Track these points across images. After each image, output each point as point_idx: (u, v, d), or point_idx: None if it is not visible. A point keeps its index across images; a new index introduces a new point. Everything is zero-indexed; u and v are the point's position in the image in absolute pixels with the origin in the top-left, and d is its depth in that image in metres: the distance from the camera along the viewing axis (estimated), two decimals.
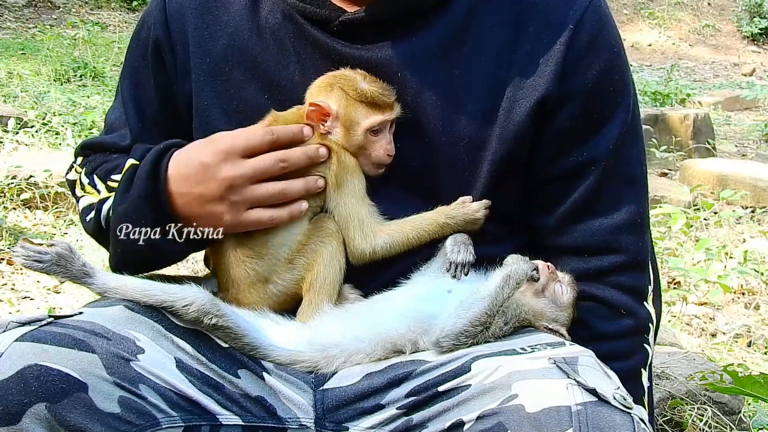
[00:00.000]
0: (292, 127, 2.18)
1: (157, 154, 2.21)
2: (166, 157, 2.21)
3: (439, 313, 2.08)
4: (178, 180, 2.18)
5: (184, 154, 2.20)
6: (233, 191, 2.14)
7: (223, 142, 2.16)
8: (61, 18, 14.85)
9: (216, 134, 2.21)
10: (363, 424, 2.02)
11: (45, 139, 7.49)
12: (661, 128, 10.62)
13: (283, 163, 2.15)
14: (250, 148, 2.15)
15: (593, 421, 1.71)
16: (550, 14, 2.21)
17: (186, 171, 2.17)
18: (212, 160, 2.14)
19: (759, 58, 20.64)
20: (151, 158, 2.21)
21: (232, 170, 2.14)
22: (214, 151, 2.15)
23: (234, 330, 2.04)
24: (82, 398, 1.76)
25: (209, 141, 2.20)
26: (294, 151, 2.16)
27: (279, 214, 2.17)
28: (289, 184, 2.16)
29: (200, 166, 2.15)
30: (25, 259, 1.99)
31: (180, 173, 2.18)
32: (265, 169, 2.15)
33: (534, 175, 2.25)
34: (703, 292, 5.64)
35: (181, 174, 2.18)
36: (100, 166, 2.42)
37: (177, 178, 2.18)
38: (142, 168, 2.21)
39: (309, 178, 2.18)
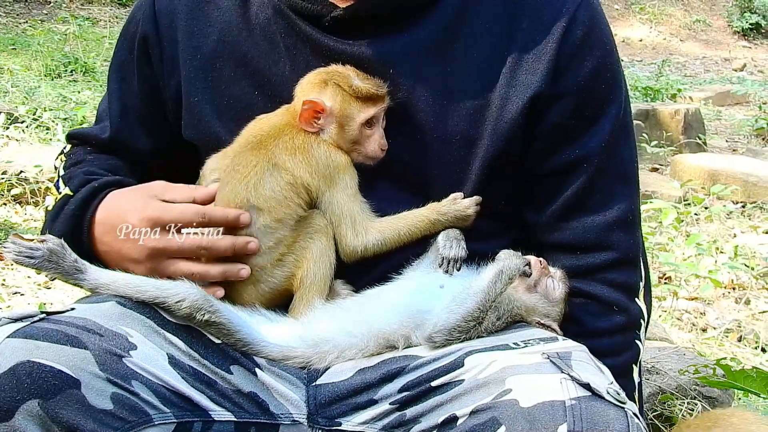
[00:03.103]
0: (229, 212, 2.15)
1: (90, 193, 2.25)
2: (98, 198, 2.24)
3: (431, 309, 2.08)
4: (103, 228, 2.21)
5: (114, 206, 2.22)
6: (151, 260, 2.16)
7: (152, 210, 2.16)
8: (52, 13, 14.80)
9: (152, 190, 2.22)
10: (356, 419, 2.02)
11: (35, 134, 7.47)
12: (652, 123, 10.62)
13: (205, 251, 2.15)
14: (179, 223, 2.15)
15: (587, 415, 1.72)
16: (543, 11, 2.21)
17: (111, 222, 2.20)
18: (138, 225, 2.16)
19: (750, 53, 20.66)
20: (81, 197, 2.25)
21: (154, 242, 2.15)
22: (142, 218, 2.16)
23: (226, 326, 2.04)
24: (74, 395, 1.76)
25: (141, 201, 2.20)
26: (222, 241, 2.14)
27: (206, 270, 2.16)
28: (206, 270, 2.15)
29: (124, 226, 2.17)
30: (16, 255, 1.98)
31: (106, 222, 2.21)
32: (186, 251, 2.15)
33: (526, 171, 2.26)
34: (694, 287, 5.65)
35: (106, 223, 2.21)
36: (73, 166, 2.44)
37: (103, 225, 2.22)
38: (72, 204, 2.25)
39: (230, 267, 2.16)
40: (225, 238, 2.14)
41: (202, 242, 2.14)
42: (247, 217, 2.14)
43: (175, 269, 2.15)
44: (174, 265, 2.15)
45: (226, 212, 2.15)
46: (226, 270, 2.16)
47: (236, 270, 2.16)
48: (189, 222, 2.15)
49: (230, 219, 2.14)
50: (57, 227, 2.25)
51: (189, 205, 2.18)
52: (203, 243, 2.14)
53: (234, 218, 2.14)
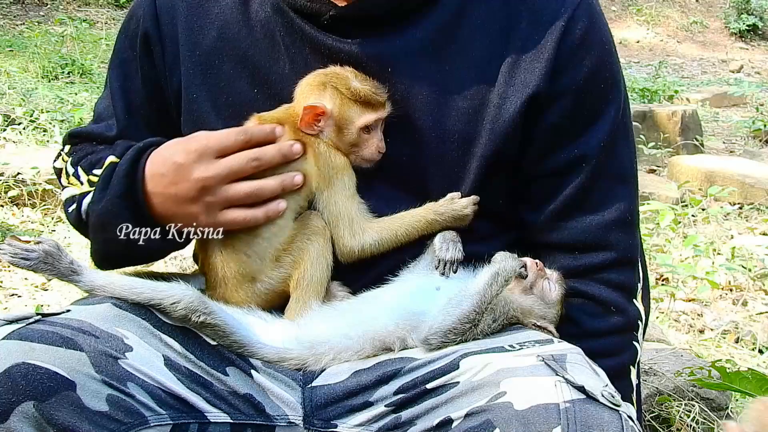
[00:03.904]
0: (264, 126, 2.17)
1: (136, 153, 2.21)
2: (145, 155, 2.21)
3: (427, 311, 2.08)
4: (154, 179, 2.17)
5: (161, 154, 2.20)
6: (207, 192, 2.13)
7: (196, 142, 2.15)
8: (49, 15, 14.80)
9: (193, 134, 2.20)
10: (351, 421, 2.02)
11: (32, 136, 7.46)
12: (649, 125, 10.62)
13: (256, 161, 2.14)
14: (223, 148, 2.14)
15: (581, 418, 1.72)
16: (542, 11, 2.21)
17: (162, 170, 2.17)
18: (185, 160, 2.14)
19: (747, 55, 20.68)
20: (129, 157, 2.21)
21: (204, 171, 2.13)
22: (188, 151, 2.14)
23: (222, 328, 2.03)
24: (70, 396, 1.76)
25: (184, 140, 2.19)
26: (268, 148, 2.15)
27: (254, 214, 2.15)
28: (263, 183, 2.15)
29: (174, 166, 2.15)
30: (12, 257, 1.98)
31: (156, 173, 2.17)
32: (238, 169, 2.14)
33: (524, 172, 2.25)
34: (691, 288, 5.65)
35: (157, 173, 2.17)
36: (85, 157, 2.42)
37: (153, 177, 2.18)
38: (120, 166, 2.21)
39: (285, 175, 2.16)
40: (270, 146, 2.15)
41: (250, 154, 2.14)
42: (281, 129, 2.16)
43: (234, 192, 2.13)
44: (231, 189, 2.14)
45: (263, 128, 2.16)
46: (283, 179, 2.16)
47: (291, 177, 2.16)
48: (232, 144, 2.14)
49: (267, 131, 2.15)
50: (111, 191, 2.20)
51: (228, 130, 2.17)
52: (251, 154, 2.13)
53: (271, 131, 2.15)
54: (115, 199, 2.19)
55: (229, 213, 2.15)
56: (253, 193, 2.14)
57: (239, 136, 2.14)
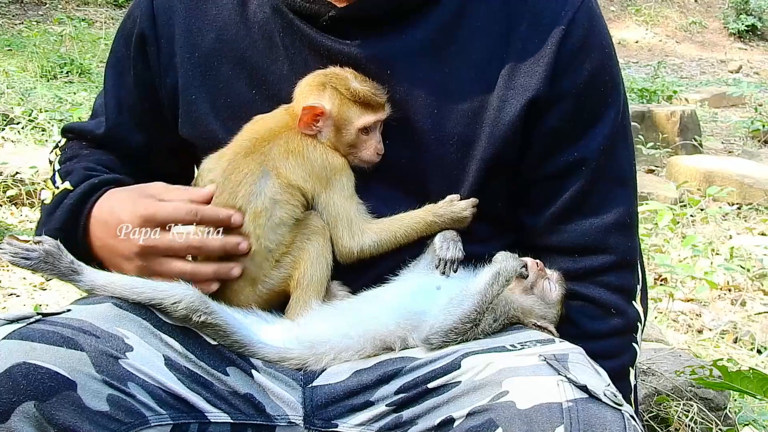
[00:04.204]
0: (221, 211, 2.14)
1: (88, 189, 2.26)
2: (96, 194, 2.25)
3: (428, 310, 2.08)
4: (97, 224, 2.22)
5: (110, 204, 2.23)
6: (142, 258, 2.15)
7: (146, 209, 2.15)
8: (48, 14, 14.79)
9: (151, 186, 2.23)
10: (352, 421, 2.02)
11: (31, 135, 7.47)
12: (648, 125, 10.63)
13: (196, 251, 2.15)
14: (171, 220, 2.14)
15: (584, 417, 1.72)
16: (542, 14, 2.21)
17: (106, 219, 2.20)
18: (130, 221, 2.15)
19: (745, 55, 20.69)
20: (80, 191, 2.25)
21: (146, 240, 2.13)
22: (134, 214, 2.15)
23: (223, 327, 2.03)
24: (70, 396, 1.76)
25: (135, 200, 2.19)
26: (212, 241, 2.14)
27: (202, 270, 2.15)
28: (198, 269, 2.15)
29: (117, 222, 2.16)
30: (12, 256, 1.98)
31: (100, 219, 2.22)
32: (177, 249, 2.14)
33: (524, 174, 2.25)
34: (690, 288, 5.65)
35: (101, 220, 2.22)
36: (68, 161, 2.43)
37: (97, 221, 2.22)
38: (69, 199, 2.25)
39: (221, 266, 2.15)
40: (216, 238, 2.14)
41: (193, 242, 2.13)
42: (238, 217, 2.13)
43: (167, 268, 2.14)
44: (166, 264, 2.14)
45: (218, 211, 2.14)
46: (218, 269, 2.15)
47: (228, 269, 2.15)
48: (181, 220, 2.14)
49: (222, 218, 2.13)
50: (54, 220, 2.25)
51: (182, 204, 2.17)
52: (194, 242, 2.13)
53: (225, 218, 2.13)
54: (55, 230, 2.22)
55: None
56: (186, 274, 2.13)
57: (189, 215, 2.14)
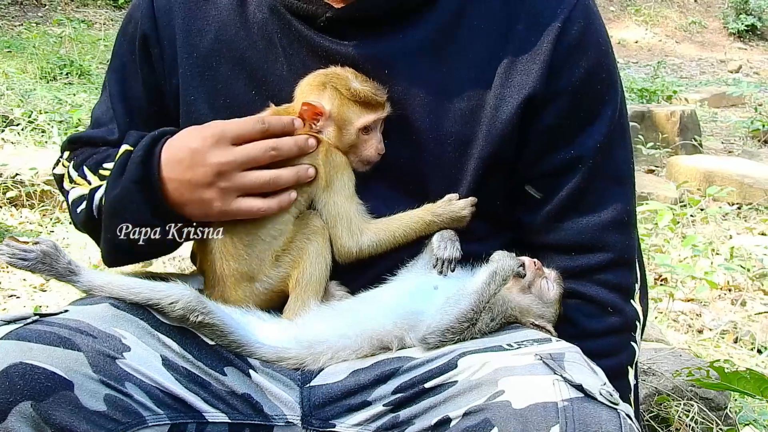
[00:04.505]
0: (283, 117, 2.17)
1: (151, 140, 2.21)
2: (160, 143, 2.20)
3: (425, 310, 2.08)
4: (169, 165, 2.17)
5: (176, 140, 2.20)
6: (222, 177, 2.13)
7: (214, 128, 2.15)
8: (47, 16, 14.80)
9: (210, 122, 2.20)
10: (349, 421, 2.02)
11: (31, 137, 7.47)
12: (648, 125, 10.63)
13: (274, 151, 2.14)
14: (240, 135, 2.14)
15: (579, 416, 1.71)
16: (540, 13, 2.21)
17: (177, 156, 2.16)
18: (202, 146, 2.13)
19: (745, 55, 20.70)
20: (144, 144, 2.21)
21: (221, 156, 2.12)
22: (204, 137, 2.14)
23: (220, 327, 2.03)
24: (67, 396, 1.76)
25: (200, 127, 2.18)
26: (285, 140, 2.15)
27: (268, 204, 2.15)
28: (279, 173, 2.14)
29: (190, 151, 2.14)
30: (10, 257, 1.98)
31: (172, 158, 2.17)
32: (254, 157, 2.13)
33: (521, 172, 2.25)
34: (690, 288, 5.65)
35: (172, 159, 2.17)
36: (89, 158, 2.41)
37: (169, 163, 2.17)
38: (136, 153, 2.20)
39: (300, 167, 2.16)
40: (287, 138, 2.15)
41: (268, 143, 2.14)
42: (300, 122, 2.17)
43: (249, 179, 2.13)
44: (247, 176, 2.13)
45: (281, 119, 2.16)
46: (298, 170, 2.16)
47: (305, 168, 2.16)
48: (250, 131, 2.14)
49: (286, 123, 2.15)
50: (126, 178, 2.19)
51: (246, 118, 2.17)
52: (269, 144, 2.13)
53: (289, 122, 2.16)
54: (130, 184, 2.18)
55: (243, 201, 2.15)
56: (269, 181, 2.14)
57: (257, 125, 2.14)
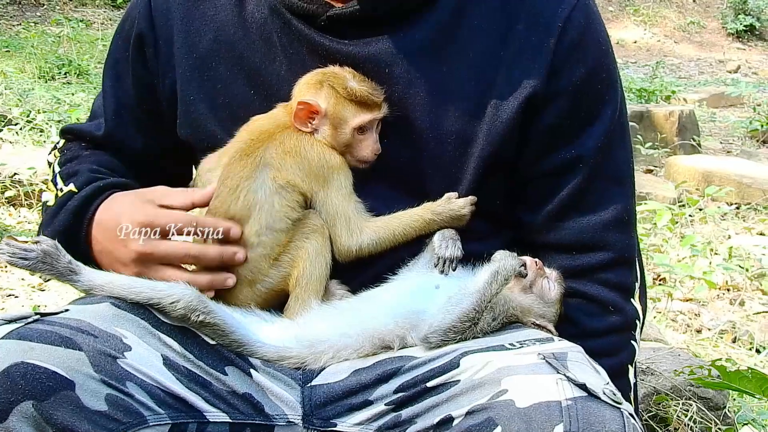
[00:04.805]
0: (220, 223, 2.14)
1: (93, 192, 2.27)
2: (101, 197, 2.25)
3: (427, 309, 2.08)
4: (99, 228, 2.23)
5: (112, 208, 2.24)
6: (140, 263, 2.15)
7: (145, 214, 2.16)
8: (46, 15, 14.77)
9: (154, 191, 2.23)
10: (351, 420, 2.02)
11: (29, 136, 7.46)
12: (647, 125, 10.64)
13: (194, 260, 2.15)
14: (169, 228, 2.14)
15: (583, 415, 1.72)
16: (539, 13, 2.21)
17: (107, 224, 2.21)
18: (130, 227, 2.15)
19: (744, 55, 20.70)
20: (84, 194, 2.27)
21: (143, 246, 2.14)
22: (135, 220, 2.15)
23: (221, 327, 2.03)
24: (69, 396, 1.75)
25: (138, 203, 2.20)
26: (210, 251, 2.14)
27: (197, 280, 2.13)
28: (194, 278, 2.14)
29: (118, 227, 2.17)
30: (10, 257, 1.98)
31: (102, 223, 2.23)
32: (174, 258, 2.15)
33: (521, 172, 2.25)
34: (689, 288, 5.65)
35: (102, 224, 2.23)
36: (69, 162, 2.43)
37: (99, 224, 2.23)
38: (73, 201, 2.27)
39: (216, 277, 2.15)
40: (213, 248, 2.14)
41: (190, 250, 2.14)
42: (237, 231, 2.14)
43: (163, 275, 2.13)
44: (162, 271, 2.15)
45: (217, 223, 2.14)
46: (213, 279, 2.15)
47: (222, 279, 2.15)
48: (181, 227, 2.14)
49: (222, 231, 2.14)
50: (57, 222, 2.25)
51: (181, 213, 2.18)
52: (192, 251, 2.14)
53: (225, 230, 2.13)
54: (58, 233, 2.23)
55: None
56: (187, 277, 2.13)
57: (188, 225, 2.14)
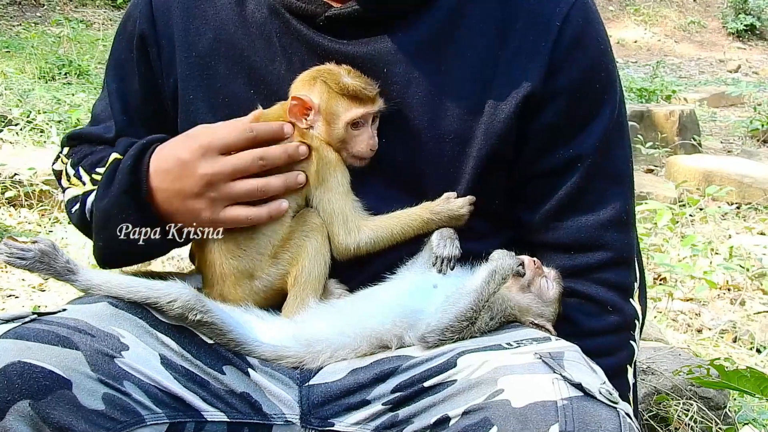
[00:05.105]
0: (272, 124, 2.16)
1: (140, 149, 2.22)
2: (149, 152, 2.21)
3: (424, 308, 2.07)
4: (158, 175, 2.18)
5: (165, 150, 2.20)
6: (211, 188, 2.13)
7: (202, 138, 2.15)
8: (46, 16, 14.78)
9: (197, 128, 2.21)
10: (349, 419, 2.01)
11: (29, 137, 7.46)
12: (647, 125, 10.65)
13: (262, 161, 2.14)
14: (229, 145, 2.14)
15: (579, 415, 1.71)
16: (538, 12, 2.21)
17: (166, 166, 2.17)
18: (190, 157, 2.14)
19: (744, 55, 20.72)
20: (133, 153, 2.21)
21: (210, 167, 2.13)
22: (192, 148, 2.14)
23: (219, 326, 2.03)
24: (66, 395, 1.75)
25: (189, 136, 2.19)
26: (273, 148, 2.15)
27: (257, 212, 2.15)
28: (267, 181, 2.15)
29: (179, 162, 2.15)
30: (8, 257, 1.98)
31: (160, 168, 2.18)
32: (243, 167, 2.14)
33: (520, 171, 2.25)
34: (689, 287, 5.65)
35: (161, 169, 2.18)
36: (86, 158, 2.42)
37: (157, 173, 2.18)
38: (125, 162, 2.21)
39: (289, 175, 2.16)
40: (276, 146, 2.15)
41: (256, 153, 2.14)
42: (289, 127, 2.17)
43: (238, 189, 2.14)
44: (236, 186, 2.14)
45: (270, 125, 2.16)
46: (287, 178, 2.16)
47: (294, 175, 2.16)
48: (238, 140, 2.14)
49: (275, 129, 2.16)
50: (115, 188, 2.21)
51: (235, 124, 2.17)
52: (257, 153, 2.13)
53: (278, 128, 2.16)
54: (119, 194, 2.19)
55: (232, 210, 2.15)
56: (257, 191, 2.14)
57: (245, 134, 2.14)
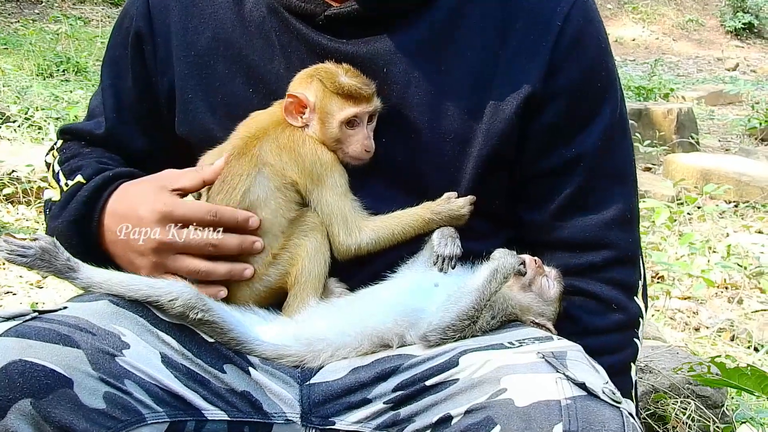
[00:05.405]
0: (239, 213, 2.14)
1: (102, 182, 2.24)
2: (111, 187, 2.23)
3: (426, 307, 2.07)
4: (112, 217, 2.21)
5: (126, 196, 2.22)
6: (156, 254, 2.14)
7: (164, 204, 2.14)
8: (44, 13, 14.77)
9: (164, 176, 2.21)
10: (350, 418, 2.01)
11: (27, 133, 7.45)
12: (645, 123, 10.65)
13: (213, 248, 2.14)
14: (189, 220, 2.14)
15: (583, 415, 1.71)
16: (538, 12, 2.21)
17: (122, 211, 2.19)
18: (147, 217, 2.14)
19: (742, 53, 20.72)
20: (93, 185, 2.24)
21: (161, 235, 2.13)
22: (152, 210, 2.14)
23: (220, 325, 2.03)
24: (67, 394, 1.75)
25: (155, 192, 2.18)
26: (229, 240, 2.14)
27: (215, 268, 2.14)
28: (213, 268, 2.14)
29: (135, 216, 2.16)
30: (8, 254, 1.97)
31: (116, 212, 2.20)
32: (193, 247, 2.14)
33: (522, 171, 2.25)
34: (687, 286, 5.65)
35: (116, 213, 2.20)
36: (70, 160, 2.42)
37: (112, 215, 2.21)
38: (83, 192, 2.24)
39: (235, 266, 2.15)
40: (233, 237, 2.14)
41: (211, 240, 2.13)
42: (256, 220, 2.14)
43: (181, 265, 2.14)
44: (180, 261, 2.14)
45: (236, 213, 2.14)
46: (232, 268, 2.15)
47: (241, 269, 2.15)
48: (200, 220, 2.13)
49: (240, 221, 2.14)
50: (68, 212, 2.23)
51: (200, 203, 2.18)
52: (212, 240, 2.13)
53: (243, 220, 2.14)
54: (68, 223, 2.22)
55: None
56: (199, 273, 2.14)
57: (207, 216, 2.13)
